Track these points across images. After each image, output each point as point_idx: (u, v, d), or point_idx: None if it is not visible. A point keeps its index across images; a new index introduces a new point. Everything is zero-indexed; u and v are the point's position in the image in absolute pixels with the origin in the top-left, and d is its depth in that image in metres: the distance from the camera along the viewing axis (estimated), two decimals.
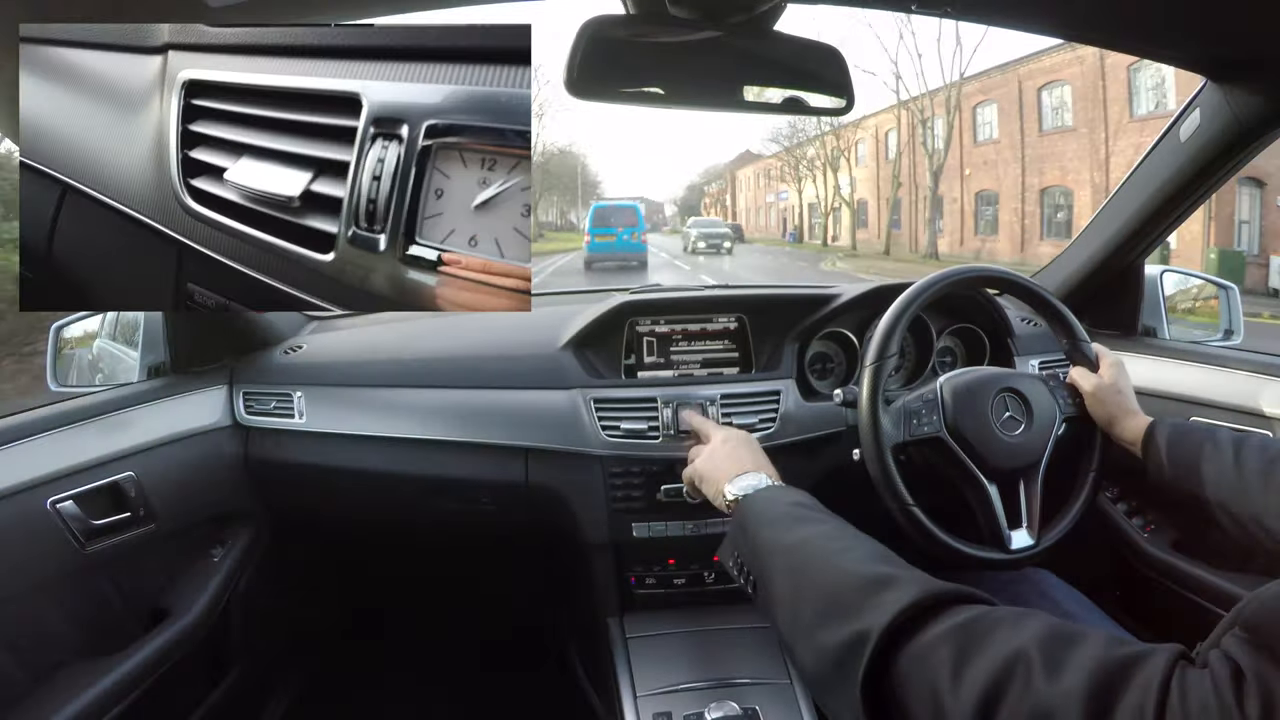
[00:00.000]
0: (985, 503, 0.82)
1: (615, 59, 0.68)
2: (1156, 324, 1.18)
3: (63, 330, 1.07)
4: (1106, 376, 0.85)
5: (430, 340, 1.20)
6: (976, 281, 0.94)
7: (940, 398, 0.84)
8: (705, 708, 0.89)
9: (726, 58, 0.72)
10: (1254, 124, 0.87)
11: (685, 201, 56.96)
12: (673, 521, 1.04)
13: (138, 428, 0.99)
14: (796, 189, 29.77)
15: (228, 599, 1.11)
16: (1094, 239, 1.19)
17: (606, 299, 1.14)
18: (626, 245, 12.76)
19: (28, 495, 0.85)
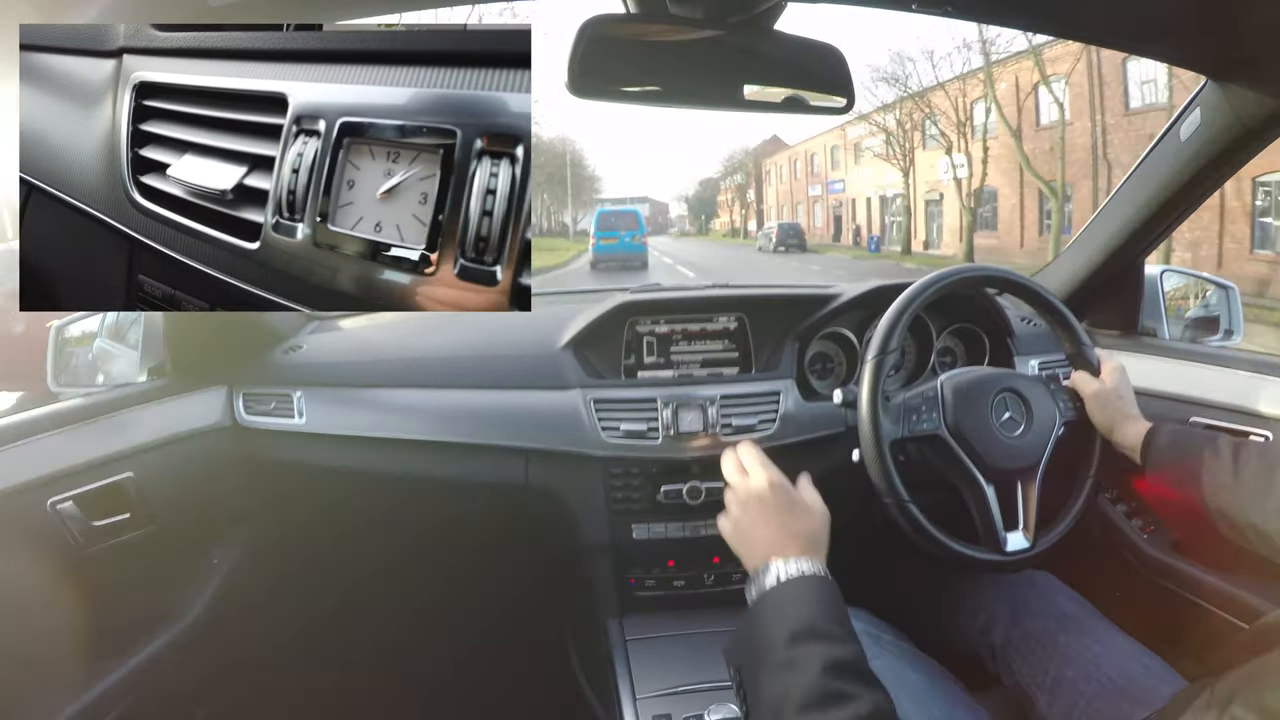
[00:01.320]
0: (982, 503, 0.82)
1: (615, 58, 0.68)
2: (1156, 324, 1.18)
3: (63, 330, 1.07)
4: (1108, 382, 0.85)
5: (430, 340, 1.20)
6: (976, 281, 0.94)
7: (941, 395, 0.84)
8: (705, 710, 0.88)
9: (727, 57, 0.72)
10: (1254, 124, 0.86)
11: (699, 198, 50.70)
12: (672, 523, 1.04)
13: (138, 428, 0.99)
14: (853, 177, 22.69)
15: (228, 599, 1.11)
16: (1094, 239, 1.19)
17: (606, 299, 1.14)
18: (629, 247, 13.87)
19: (28, 495, 0.85)
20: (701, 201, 49.92)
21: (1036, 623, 0.85)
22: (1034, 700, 0.81)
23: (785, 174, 32.23)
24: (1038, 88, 13.55)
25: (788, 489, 0.67)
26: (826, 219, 26.05)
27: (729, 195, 42.75)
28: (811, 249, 22.33)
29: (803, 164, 29.30)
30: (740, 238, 36.70)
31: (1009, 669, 0.86)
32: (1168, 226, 1.10)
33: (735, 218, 40.74)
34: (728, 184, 42.87)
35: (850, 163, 23.58)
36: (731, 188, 41.60)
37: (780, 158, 33.14)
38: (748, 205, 38.14)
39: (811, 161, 28.21)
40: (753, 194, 36.95)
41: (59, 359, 1.06)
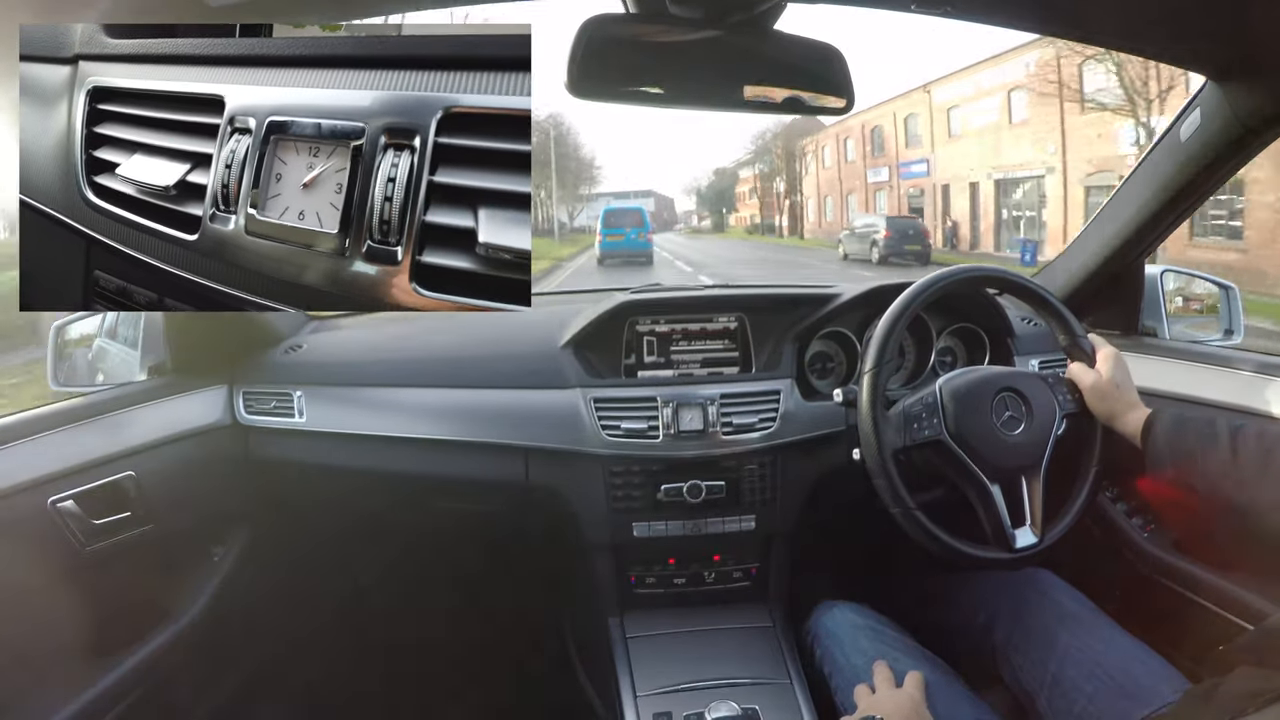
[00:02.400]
0: (988, 502, 0.82)
1: (615, 58, 0.68)
2: (1156, 324, 1.18)
3: (63, 330, 1.07)
4: (1105, 371, 0.85)
5: (430, 340, 1.20)
6: (976, 281, 0.94)
7: (940, 400, 0.84)
8: (705, 707, 0.89)
9: (727, 57, 0.72)
10: (1254, 124, 0.86)
11: (714, 189, 43.02)
12: (673, 521, 1.04)
13: (138, 427, 0.99)
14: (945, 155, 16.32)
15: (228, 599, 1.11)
16: (1094, 239, 1.19)
17: (606, 299, 1.14)
18: (634, 243, 14.47)
19: (28, 494, 0.85)
20: (719, 193, 42.79)
21: (1037, 620, 0.86)
22: (1035, 698, 0.82)
23: (831, 156, 25.00)
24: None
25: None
26: (897, 210, 18.90)
27: (752, 185, 36.42)
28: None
29: (859, 141, 22.20)
30: (768, 235, 31.86)
31: (1010, 666, 0.86)
32: (1168, 226, 1.10)
33: (758, 212, 35.81)
34: (749, 173, 36.60)
35: (938, 134, 16.85)
36: (754, 177, 35.45)
37: (824, 136, 25.92)
38: (775, 196, 32.44)
39: (872, 137, 21.28)
40: (783, 182, 30.81)
41: (59, 359, 1.06)
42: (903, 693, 0.76)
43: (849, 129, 23.01)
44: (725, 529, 1.04)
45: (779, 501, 1.05)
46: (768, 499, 1.05)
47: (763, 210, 34.94)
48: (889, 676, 0.80)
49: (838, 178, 24.60)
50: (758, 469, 1.04)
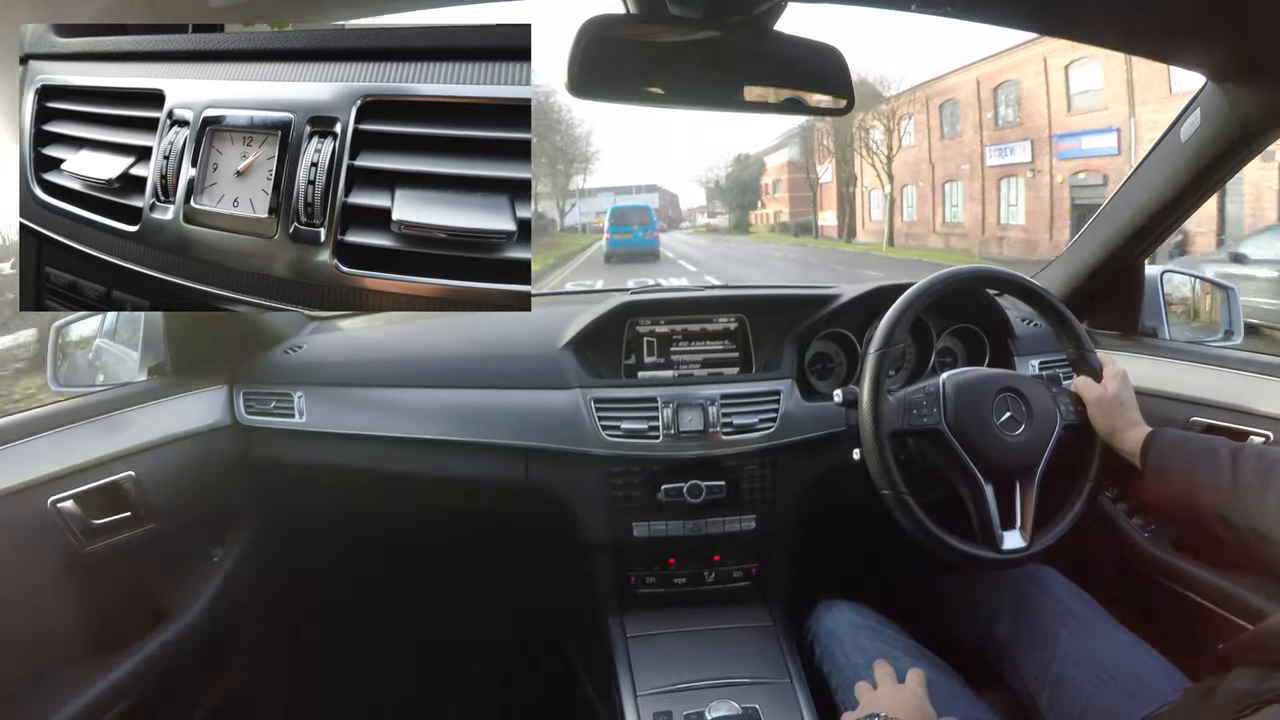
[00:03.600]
0: (980, 501, 0.83)
1: (615, 59, 0.68)
2: (1157, 324, 1.18)
3: (63, 330, 1.07)
4: (1110, 387, 0.85)
5: (430, 340, 1.20)
6: (978, 282, 0.94)
7: (942, 392, 0.84)
8: (705, 707, 0.89)
9: (727, 57, 0.72)
10: (1254, 124, 0.87)
11: (736, 180, 33.91)
12: (673, 521, 1.04)
13: (138, 427, 0.99)
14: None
15: (228, 599, 1.11)
16: (1094, 239, 1.19)
17: (607, 299, 1.14)
18: (641, 240, 14.94)
19: (29, 494, 0.85)
20: (742, 185, 33.72)
21: (1039, 618, 0.86)
22: (1036, 697, 0.82)
23: (917, 129, 17.49)
24: None
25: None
26: (1044, 210, 13.21)
27: (782, 175, 30.09)
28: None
29: (970, 106, 15.22)
30: (803, 236, 26.11)
31: (1011, 665, 0.86)
32: (1168, 227, 1.10)
33: (786, 207, 29.91)
34: (776, 161, 30.41)
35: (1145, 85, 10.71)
36: (785, 165, 29.16)
37: (906, 103, 17.69)
38: (815, 188, 26.17)
39: (994, 99, 14.60)
40: (829, 170, 24.14)
41: (59, 359, 1.06)
42: (905, 689, 0.76)
43: (948, 90, 16.17)
44: (725, 529, 1.04)
45: (779, 502, 1.05)
46: (768, 499, 1.05)
47: (794, 205, 29.01)
48: (891, 673, 0.80)
49: (926, 159, 17.13)
50: (758, 469, 1.04)
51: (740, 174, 34.15)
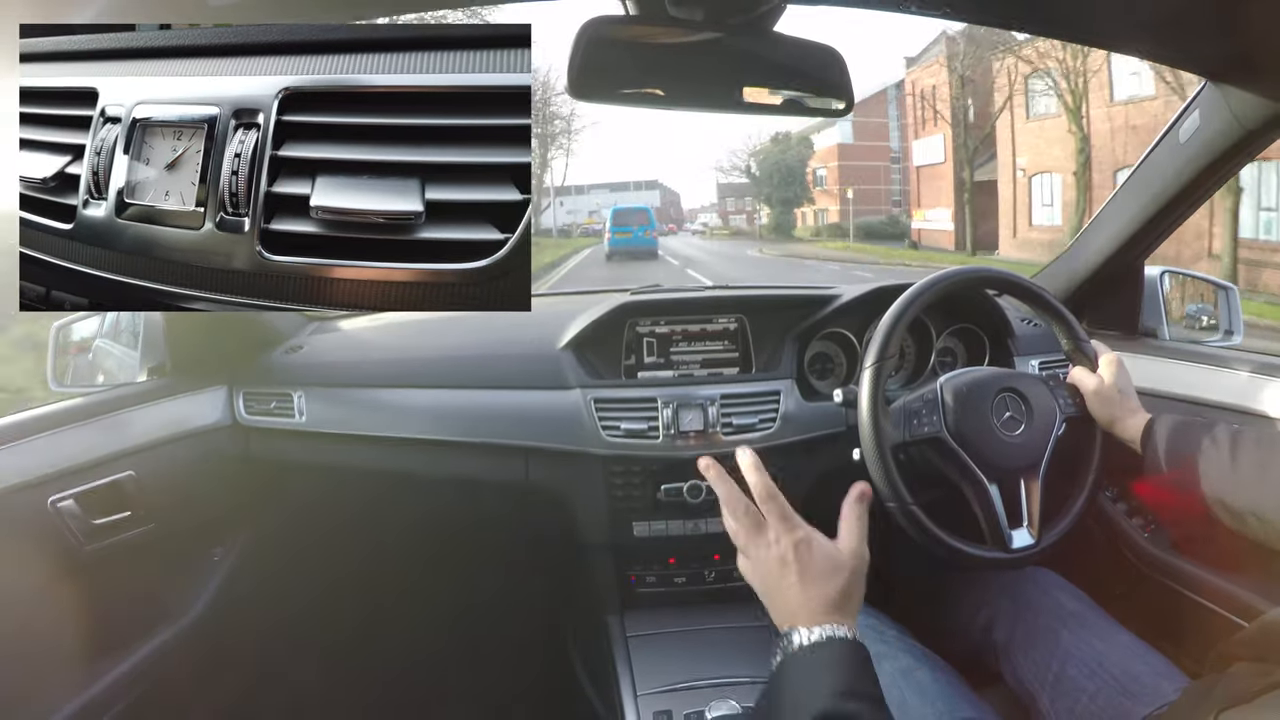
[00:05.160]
0: (986, 502, 0.82)
1: (615, 60, 0.68)
2: (1156, 324, 1.18)
3: (63, 330, 1.07)
4: (1107, 376, 0.85)
5: (430, 340, 1.20)
6: (977, 282, 0.94)
7: (941, 398, 0.84)
8: (705, 706, 0.89)
9: (726, 59, 0.72)
10: (1254, 124, 0.86)
11: (776, 166, 25.27)
12: (673, 521, 1.04)
13: (138, 427, 0.99)
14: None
15: (228, 599, 1.11)
16: (1094, 239, 1.19)
17: (606, 299, 1.14)
18: (640, 240, 15.91)
19: (28, 494, 0.85)
20: (787, 172, 24.98)
21: (1039, 619, 0.86)
22: (1036, 697, 0.82)
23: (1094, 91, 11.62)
24: None
25: (813, 545, 0.60)
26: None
27: (830, 162, 23.60)
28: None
29: None
30: (874, 244, 19.70)
31: (1012, 665, 0.86)
32: (1168, 227, 1.10)
33: (834, 203, 23.55)
34: (837, 139, 23.65)
35: None
36: (832, 150, 22.51)
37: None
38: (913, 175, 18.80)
39: None
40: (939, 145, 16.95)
41: (59, 359, 1.06)
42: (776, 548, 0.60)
43: None
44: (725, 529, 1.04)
45: None
46: None
47: (858, 200, 21.62)
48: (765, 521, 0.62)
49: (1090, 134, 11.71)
50: None
51: (781, 157, 25.18)
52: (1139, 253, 1.16)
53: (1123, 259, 1.16)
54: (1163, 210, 1.06)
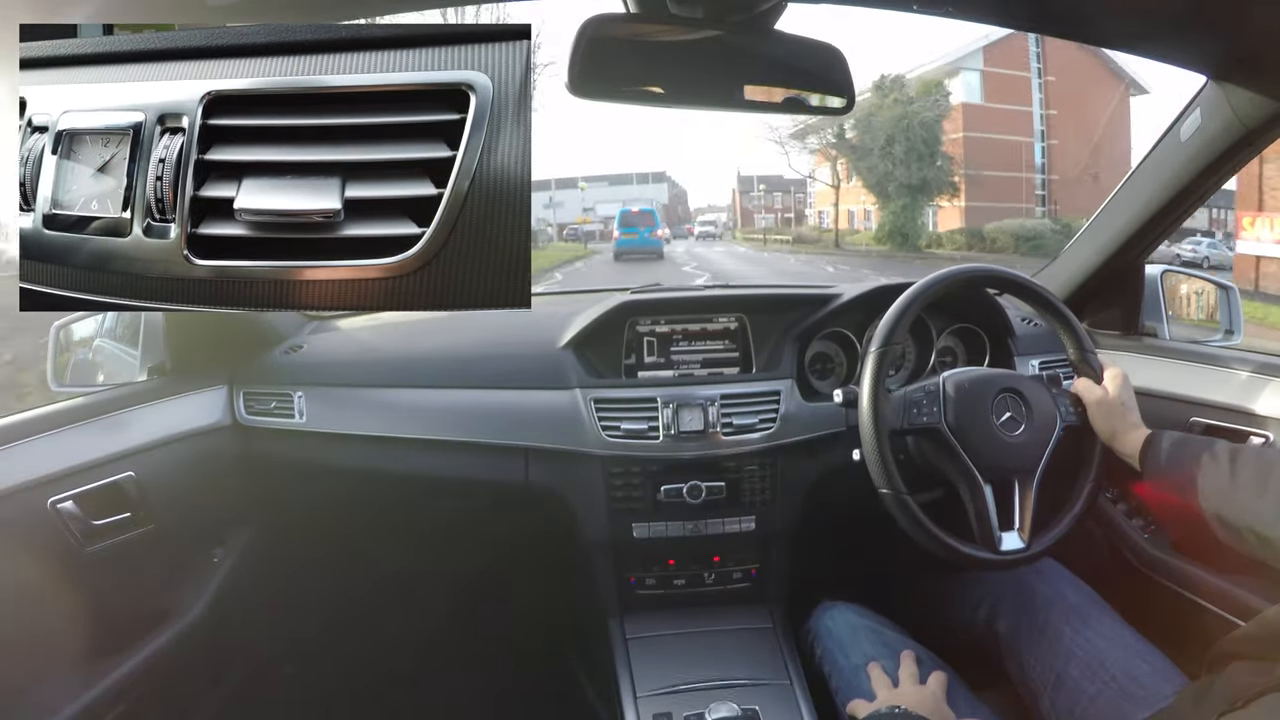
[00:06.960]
0: (979, 501, 0.83)
1: (615, 58, 0.68)
2: (1157, 324, 1.18)
3: (63, 330, 1.07)
4: (1111, 390, 0.85)
5: (430, 340, 1.20)
6: (978, 281, 0.94)
7: (942, 391, 0.84)
8: (705, 708, 0.89)
9: (727, 57, 0.72)
10: (1254, 124, 0.87)
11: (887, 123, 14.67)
12: (672, 522, 1.04)
13: (138, 428, 0.99)
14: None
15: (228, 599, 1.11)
16: (1094, 239, 1.19)
17: (606, 299, 1.14)
18: (646, 241, 16.54)
19: (28, 495, 0.85)
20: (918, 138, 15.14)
21: (1042, 613, 0.86)
22: (1038, 698, 0.82)
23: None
24: None
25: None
26: None
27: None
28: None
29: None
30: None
31: (1016, 662, 0.86)
32: (1168, 226, 1.10)
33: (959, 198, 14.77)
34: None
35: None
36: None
37: None
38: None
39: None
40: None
41: (59, 359, 1.06)
42: (926, 689, 0.76)
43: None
44: (725, 530, 1.04)
45: (779, 502, 1.05)
46: (768, 500, 1.05)
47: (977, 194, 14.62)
48: (914, 672, 0.80)
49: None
50: (758, 470, 1.04)
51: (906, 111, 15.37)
52: (1139, 252, 1.16)
53: (1123, 258, 1.16)
54: (1163, 209, 1.06)
